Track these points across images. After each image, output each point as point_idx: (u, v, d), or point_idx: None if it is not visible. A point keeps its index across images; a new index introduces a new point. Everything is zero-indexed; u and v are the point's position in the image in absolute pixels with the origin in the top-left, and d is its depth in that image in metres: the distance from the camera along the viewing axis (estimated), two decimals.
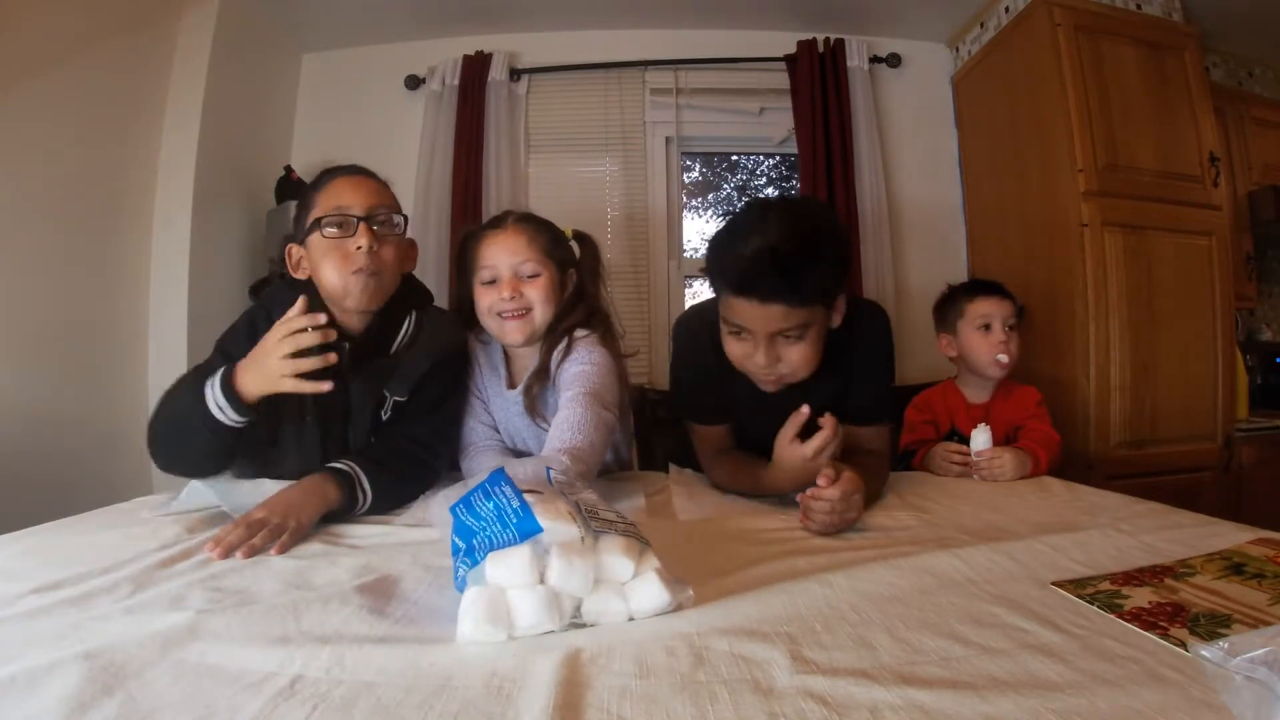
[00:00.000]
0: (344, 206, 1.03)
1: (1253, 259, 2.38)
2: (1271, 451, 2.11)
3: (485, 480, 0.61)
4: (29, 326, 1.63)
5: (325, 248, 1.02)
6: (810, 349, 1.02)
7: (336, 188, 1.05)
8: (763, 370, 1.03)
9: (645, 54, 2.47)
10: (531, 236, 1.17)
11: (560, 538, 0.56)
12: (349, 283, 1.01)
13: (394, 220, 1.07)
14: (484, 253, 1.17)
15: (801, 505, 0.86)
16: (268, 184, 2.30)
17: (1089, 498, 1.05)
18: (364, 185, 1.06)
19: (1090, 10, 2.01)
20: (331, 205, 1.03)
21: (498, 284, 1.15)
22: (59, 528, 0.87)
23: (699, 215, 2.85)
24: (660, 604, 0.57)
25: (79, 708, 0.42)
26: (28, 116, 1.60)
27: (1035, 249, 2.11)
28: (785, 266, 0.93)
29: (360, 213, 1.02)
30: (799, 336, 1.00)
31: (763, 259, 0.93)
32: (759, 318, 0.98)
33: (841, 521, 0.84)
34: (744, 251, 0.96)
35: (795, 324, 0.98)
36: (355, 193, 1.04)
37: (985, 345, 1.42)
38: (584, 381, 1.09)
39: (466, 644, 0.52)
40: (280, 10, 2.28)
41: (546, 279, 1.16)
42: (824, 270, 0.96)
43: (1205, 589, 0.60)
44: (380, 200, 1.06)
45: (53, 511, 0.93)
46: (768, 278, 0.94)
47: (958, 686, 0.44)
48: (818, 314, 1.01)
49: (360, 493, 0.93)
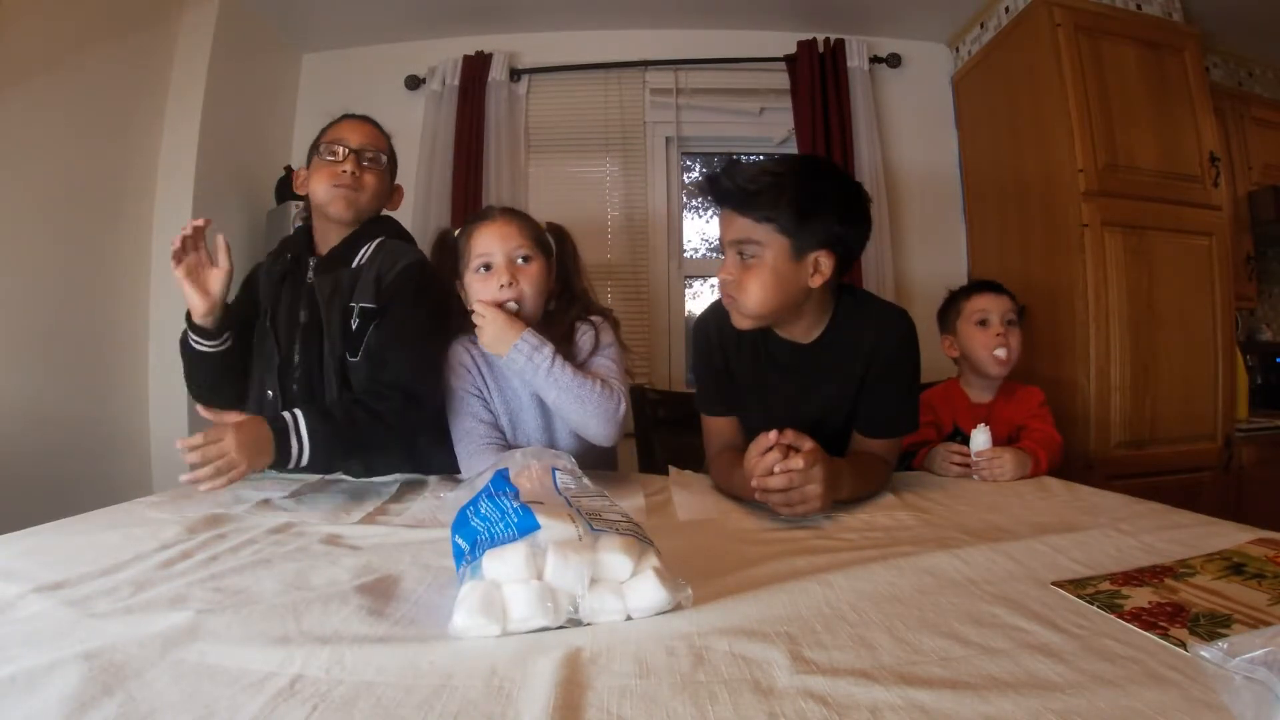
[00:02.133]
0: (342, 139, 1.25)
1: (1253, 259, 2.38)
2: (1271, 451, 2.11)
3: (489, 482, 0.62)
4: (29, 326, 1.63)
5: (320, 167, 1.24)
6: (761, 277, 1.04)
7: (341, 126, 1.28)
8: (721, 284, 1.10)
9: (645, 54, 2.47)
10: (521, 225, 1.21)
11: (557, 535, 0.56)
12: (332, 194, 1.22)
13: (380, 158, 1.28)
14: (477, 242, 1.18)
15: (758, 487, 0.87)
16: (268, 184, 2.31)
17: (1089, 498, 1.05)
18: (362, 128, 1.29)
19: (1090, 10, 2.01)
20: (334, 138, 1.26)
21: (493, 271, 1.17)
22: (59, 528, 0.87)
23: (699, 215, 2.85)
24: (658, 603, 0.57)
25: (79, 708, 0.41)
26: (28, 116, 1.60)
27: (1035, 249, 2.11)
28: (736, 174, 1.04)
29: (354, 145, 1.25)
30: (752, 255, 1.05)
31: (730, 166, 1.08)
32: (726, 225, 1.08)
33: (801, 497, 0.85)
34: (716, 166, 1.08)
35: (748, 236, 1.04)
36: (354, 131, 1.27)
37: (982, 340, 1.42)
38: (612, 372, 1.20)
39: (460, 636, 0.53)
40: (280, 10, 2.28)
41: (538, 267, 1.19)
42: (777, 194, 1.02)
43: (1205, 589, 0.60)
44: (372, 140, 1.28)
45: (53, 511, 0.93)
46: (727, 178, 1.05)
47: (958, 686, 0.44)
48: (776, 244, 1.03)
49: (296, 442, 1.00)
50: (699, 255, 2.75)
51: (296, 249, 1.28)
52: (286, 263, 1.26)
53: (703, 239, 2.85)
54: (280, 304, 1.23)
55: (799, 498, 0.85)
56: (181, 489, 0.99)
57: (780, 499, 0.85)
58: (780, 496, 0.85)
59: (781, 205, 1.01)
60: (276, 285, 1.25)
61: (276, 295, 1.24)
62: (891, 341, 1.12)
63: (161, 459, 1.96)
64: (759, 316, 1.08)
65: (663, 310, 2.48)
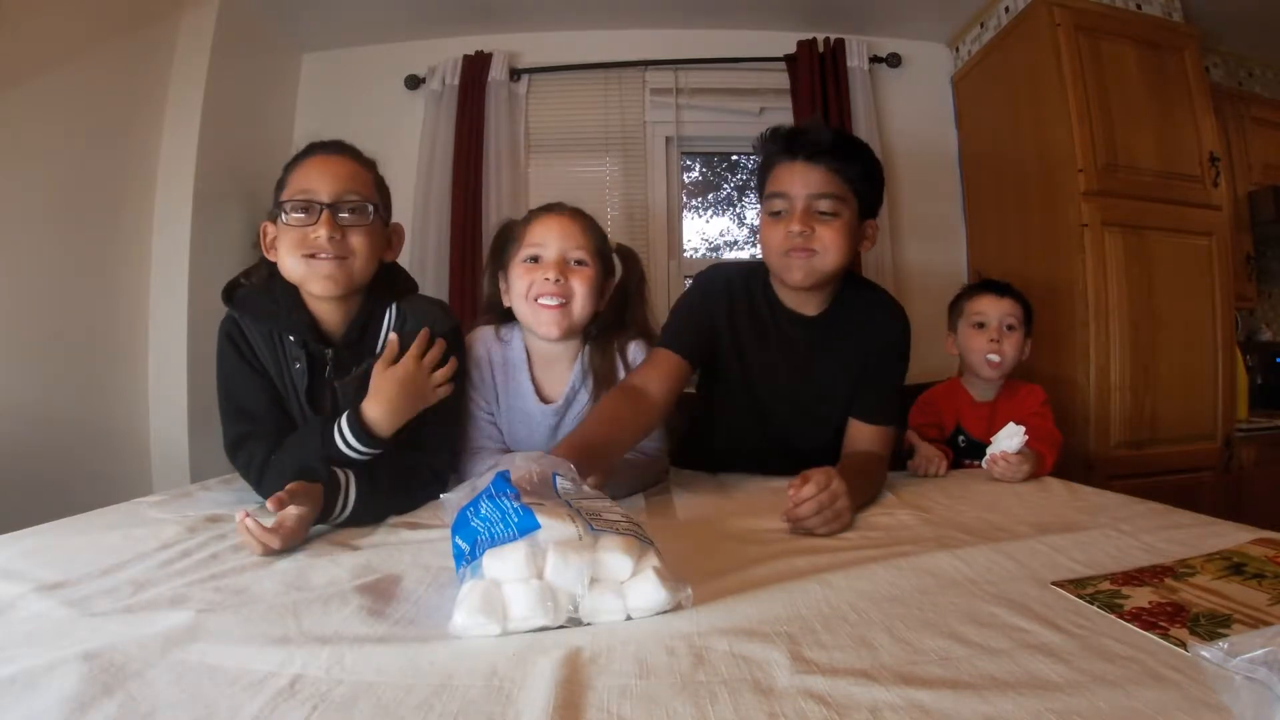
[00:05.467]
0: (310, 191, 0.98)
1: (1253, 259, 2.38)
2: (1271, 451, 2.11)
3: (490, 484, 0.62)
4: (29, 326, 1.62)
5: (287, 232, 0.99)
6: (842, 236, 1.08)
7: (306, 169, 1.01)
8: (797, 238, 1.07)
9: (645, 54, 2.47)
10: (585, 227, 1.13)
11: (558, 535, 0.57)
12: (308, 271, 0.98)
13: (365, 208, 1.01)
14: (533, 230, 1.11)
15: (788, 518, 0.85)
16: (268, 184, 2.28)
17: (1089, 498, 1.05)
18: (335, 168, 1.01)
19: (1090, 10, 2.01)
20: (299, 188, 0.99)
21: (541, 264, 1.09)
22: (59, 528, 0.87)
23: (699, 215, 2.85)
24: (658, 603, 0.57)
25: (79, 708, 0.41)
26: (28, 117, 1.60)
27: (1035, 249, 2.11)
28: (834, 131, 1.10)
29: (326, 199, 0.98)
30: (834, 213, 1.07)
31: (815, 123, 1.16)
32: (801, 179, 1.07)
33: (835, 514, 0.84)
34: (797, 123, 1.12)
35: (833, 191, 1.07)
36: (323, 176, 0.99)
37: (977, 343, 1.42)
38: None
39: (461, 635, 0.53)
40: (280, 10, 2.28)
41: (592, 273, 1.12)
42: (866, 158, 1.11)
43: (1205, 589, 0.60)
44: (351, 185, 1.01)
45: (53, 511, 0.93)
46: (818, 133, 1.08)
47: (958, 686, 0.44)
48: (851, 205, 1.09)
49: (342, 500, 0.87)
50: (698, 255, 2.75)
51: (297, 330, 1.02)
52: (294, 352, 1.02)
53: (702, 238, 2.86)
54: (300, 394, 1.03)
55: (833, 515, 0.84)
56: (182, 489, 0.99)
57: (818, 520, 0.84)
58: (817, 519, 0.84)
59: (863, 165, 1.10)
60: (289, 377, 1.03)
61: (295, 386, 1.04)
62: (896, 330, 1.18)
63: (161, 459, 1.96)
64: (829, 274, 1.12)
65: (663, 310, 2.47)
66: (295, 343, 1.02)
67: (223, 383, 1.04)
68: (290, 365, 1.03)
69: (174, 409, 1.96)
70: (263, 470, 0.98)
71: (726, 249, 2.79)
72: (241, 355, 1.03)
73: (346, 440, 0.94)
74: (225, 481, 1.19)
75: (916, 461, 1.28)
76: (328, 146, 1.04)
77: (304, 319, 1.02)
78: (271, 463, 0.98)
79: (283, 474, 0.90)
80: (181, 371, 1.95)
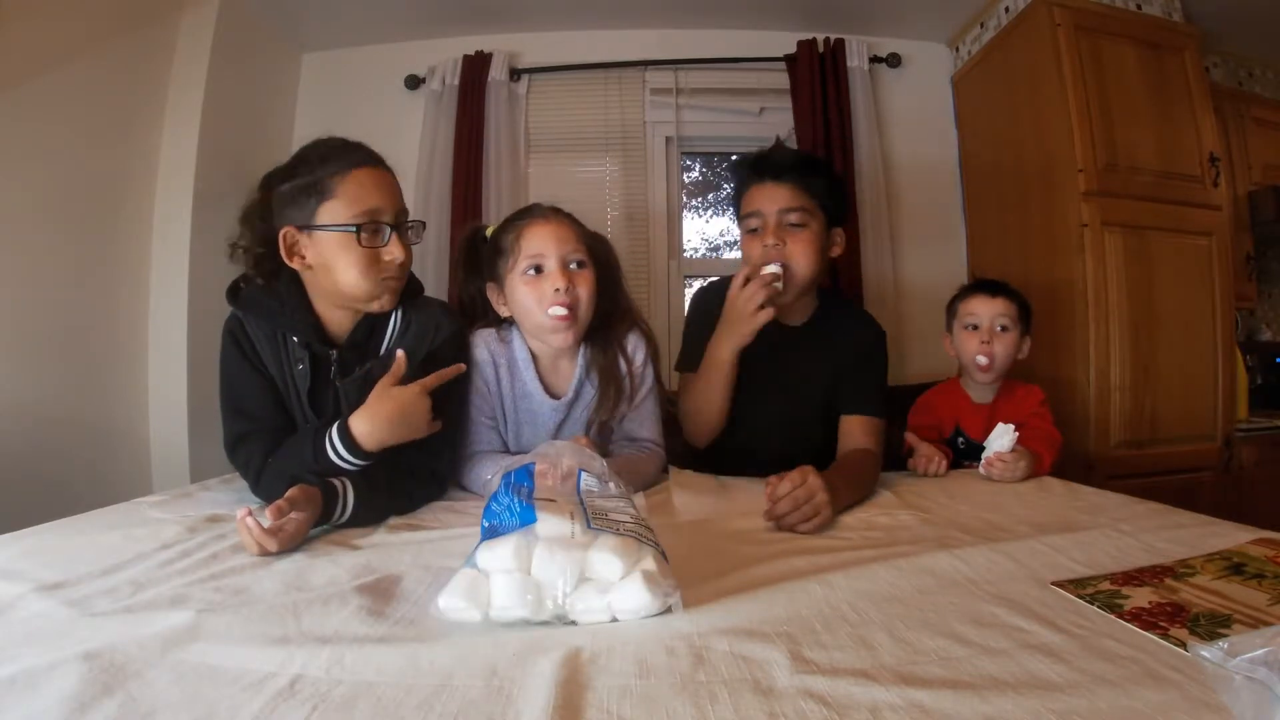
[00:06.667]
0: (376, 210, 0.98)
1: (1253, 259, 2.38)
2: (1271, 451, 2.10)
3: (512, 473, 0.64)
4: (29, 326, 1.62)
5: (351, 249, 0.96)
6: (811, 245, 1.20)
7: (363, 180, 0.97)
8: (772, 250, 1.19)
9: (645, 54, 2.47)
10: (575, 228, 1.14)
11: (550, 531, 0.58)
12: (380, 288, 1.00)
13: (418, 227, 1.07)
14: (528, 241, 1.10)
15: (766, 516, 0.88)
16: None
17: (1089, 498, 1.05)
18: (389, 184, 1.02)
19: (1090, 10, 2.01)
20: (363, 206, 0.96)
21: (546, 274, 1.09)
22: (59, 528, 0.87)
23: (699, 215, 2.85)
24: (642, 606, 0.56)
25: (79, 708, 0.42)
26: (28, 116, 1.60)
27: (1035, 249, 2.11)
28: (795, 152, 1.26)
29: (390, 219, 1.00)
30: (802, 224, 1.20)
31: (779, 146, 1.27)
32: (770, 197, 1.20)
33: (813, 509, 0.85)
34: (764, 148, 1.26)
35: (800, 205, 1.19)
36: (382, 193, 0.99)
37: (969, 345, 1.42)
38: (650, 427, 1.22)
39: (441, 616, 0.55)
40: (280, 10, 2.28)
41: (591, 274, 1.13)
42: (828, 173, 1.25)
43: (1205, 589, 0.60)
44: (402, 203, 1.04)
45: (53, 511, 0.93)
46: (783, 154, 1.23)
47: (958, 686, 0.44)
48: (818, 216, 1.22)
49: (340, 507, 0.87)
50: (699, 255, 2.75)
51: (301, 332, 1.02)
52: (296, 353, 1.02)
53: (702, 238, 2.86)
54: (301, 395, 1.04)
55: (811, 510, 0.86)
56: (182, 489, 0.99)
57: (797, 517, 0.85)
58: (795, 515, 0.85)
59: (825, 180, 1.23)
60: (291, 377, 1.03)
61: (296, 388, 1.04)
62: (871, 335, 1.32)
63: (161, 459, 1.96)
64: (806, 282, 1.23)
65: (662, 309, 2.48)
66: (299, 344, 1.02)
67: (225, 381, 1.05)
68: (293, 366, 1.03)
69: (174, 409, 1.95)
70: (260, 472, 0.99)
71: (726, 249, 2.79)
72: (244, 355, 1.03)
73: (336, 450, 0.94)
74: (225, 481, 1.19)
75: (916, 460, 1.28)
76: (370, 159, 1.02)
77: (308, 320, 1.03)
78: (268, 465, 0.98)
79: (279, 476, 0.90)
80: (181, 371, 1.95)
